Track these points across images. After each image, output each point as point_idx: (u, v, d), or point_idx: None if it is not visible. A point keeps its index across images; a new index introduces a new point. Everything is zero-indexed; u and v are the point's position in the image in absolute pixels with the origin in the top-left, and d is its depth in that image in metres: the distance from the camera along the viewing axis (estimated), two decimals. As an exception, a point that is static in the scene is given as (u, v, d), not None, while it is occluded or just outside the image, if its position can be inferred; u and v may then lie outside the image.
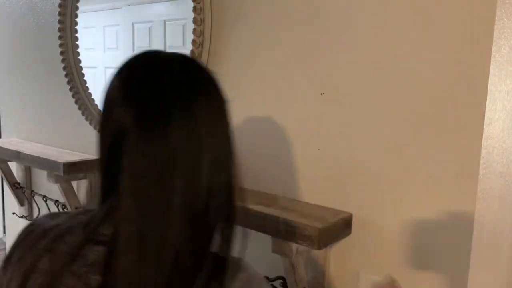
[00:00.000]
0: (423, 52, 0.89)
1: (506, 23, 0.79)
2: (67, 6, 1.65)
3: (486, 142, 0.82)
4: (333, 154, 1.04)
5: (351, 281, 1.04)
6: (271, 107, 1.14)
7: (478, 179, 0.84)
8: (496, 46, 0.80)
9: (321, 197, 1.06)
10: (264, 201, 1.08)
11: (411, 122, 0.92)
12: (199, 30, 1.22)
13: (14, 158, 1.74)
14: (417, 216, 0.93)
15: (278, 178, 1.15)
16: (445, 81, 0.87)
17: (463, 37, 0.85)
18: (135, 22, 1.55)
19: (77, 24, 1.66)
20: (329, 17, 1.02)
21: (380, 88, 0.96)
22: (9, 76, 2.04)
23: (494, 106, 0.81)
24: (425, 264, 0.93)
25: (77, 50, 1.67)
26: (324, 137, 1.05)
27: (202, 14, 1.21)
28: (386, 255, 0.98)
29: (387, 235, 0.97)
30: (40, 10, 1.81)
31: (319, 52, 1.04)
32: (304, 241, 0.92)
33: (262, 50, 1.15)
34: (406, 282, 0.96)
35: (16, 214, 1.97)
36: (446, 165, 0.88)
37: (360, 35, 0.97)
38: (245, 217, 0.75)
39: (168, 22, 1.44)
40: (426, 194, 0.91)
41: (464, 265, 0.87)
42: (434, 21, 0.88)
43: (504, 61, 0.79)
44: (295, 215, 0.97)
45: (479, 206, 0.84)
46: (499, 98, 0.81)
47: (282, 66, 1.11)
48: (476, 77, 0.84)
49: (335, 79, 1.02)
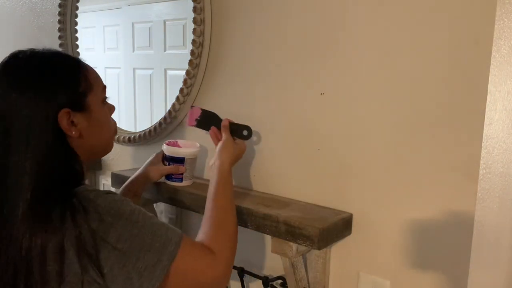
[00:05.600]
0: (423, 52, 0.89)
1: (506, 23, 0.79)
2: (67, 6, 1.65)
3: (486, 142, 0.83)
4: (333, 154, 1.04)
5: (351, 281, 1.04)
6: (271, 106, 1.14)
7: (478, 179, 0.84)
8: (496, 46, 0.80)
9: (321, 197, 1.06)
10: (264, 201, 1.08)
11: (411, 122, 0.92)
12: (199, 30, 1.22)
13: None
14: (417, 216, 0.93)
15: (278, 178, 1.15)
16: (445, 81, 0.87)
17: (463, 37, 0.85)
18: (135, 22, 1.56)
19: (77, 24, 1.66)
20: (329, 17, 1.02)
21: (380, 88, 0.96)
22: (9, 76, 2.04)
23: (494, 106, 0.81)
24: (425, 264, 0.93)
25: (77, 50, 1.67)
26: (324, 137, 1.05)
27: (202, 14, 1.21)
28: (386, 255, 0.98)
29: (387, 235, 0.97)
30: (40, 10, 1.81)
31: (319, 52, 1.04)
32: (304, 241, 0.92)
33: (262, 50, 1.15)
34: (406, 282, 0.96)
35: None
36: (446, 165, 0.88)
37: (360, 35, 0.97)
38: (245, 217, 0.84)
39: (168, 22, 1.44)
40: (426, 194, 0.91)
41: (464, 265, 0.87)
42: (434, 21, 0.88)
43: (504, 61, 0.79)
44: (295, 215, 0.97)
45: (479, 206, 0.84)
46: (499, 98, 0.81)
47: (282, 66, 1.11)
48: (476, 77, 0.84)
49: (335, 79, 1.02)
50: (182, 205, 1.16)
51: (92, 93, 0.82)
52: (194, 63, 1.24)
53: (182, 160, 1.15)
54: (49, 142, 0.74)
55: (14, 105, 0.73)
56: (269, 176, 1.17)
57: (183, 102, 1.29)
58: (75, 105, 0.78)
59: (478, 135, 0.83)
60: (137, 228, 0.72)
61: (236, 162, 1.04)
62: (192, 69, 1.25)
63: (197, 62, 1.24)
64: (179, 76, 1.29)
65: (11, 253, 0.69)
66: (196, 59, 1.24)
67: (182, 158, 1.15)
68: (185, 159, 1.16)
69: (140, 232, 0.72)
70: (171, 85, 1.44)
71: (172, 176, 1.17)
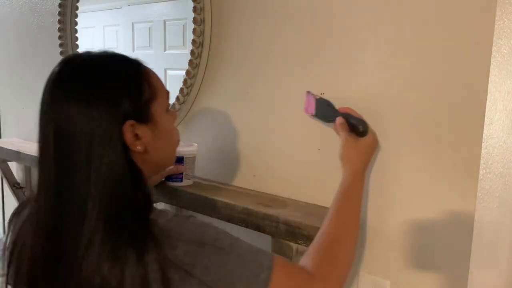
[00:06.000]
0: (422, 52, 0.89)
1: (506, 23, 0.79)
2: (67, 6, 1.65)
3: (486, 142, 0.82)
4: (333, 154, 1.04)
5: (351, 281, 1.04)
6: (271, 106, 1.14)
7: (478, 179, 0.84)
8: (496, 46, 0.80)
9: (321, 197, 1.06)
10: (264, 201, 1.08)
11: (411, 122, 0.92)
12: (199, 30, 1.22)
13: (14, 158, 1.74)
14: (417, 216, 0.93)
15: (278, 178, 1.15)
16: (445, 81, 0.87)
17: (463, 37, 0.85)
18: (135, 22, 1.56)
19: (77, 24, 1.66)
20: (330, 17, 1.02)
21: (379, 88, 0.96)
22: (9, 76, 2.04)
23: (494, 106, 0.81)
24: (425, 264, 0.93)
25: (77, 50, 1.67)
26: (324, 137, 1.05)
27: (202, 14, 1.21)
28: (386, 255, 0.98)
29: (387, 235, 0.97)
30: (40, 10, 1.81)
31: (320, 52, 1.04)
32: (304, 241, 0.92)
33: (262, 49, 1.14)
34: (406, 282, 0.96)
35: (16, 214, 1.97)
36: (446, 165, 0.88)
37: (360, 35, 0.97)
38: (245, 217, 0.82)
39: (168, 22, 1.44)
40: (426, 194, 0.91)
41: (464, 265, 0.87)
42: (434, 21, 0.88)
43: (504, 61, 0.79)
44: (295, 215, 0.97)
45: (479, 206, 0.84)
46: (499, 98, 0.81)
47: (282, 65, 1.11)
48: (476, 77, 0.84)
49: (335, 79, 1.02)
50: (182, 205, 1.16)
51: (156, 101, 0.72)
52: (194, 63, 1.24)
53: (181, 159, 1.16)
54: (115, 160, 0.64)
55: (73, 120, 0.64)
56: (269, 176, 1.17)
57: (183, 102, 1.29)
58: (139, 116, 0.68)
59: (478, 135, 0.83)
60: (224, 257, 0.64)
61: (367, 164, 0.92)
62: (192, 69, 1.25)
63: (197, 62, 1.24)
64: (179, 76, 1.29)
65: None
66: (196, 59, 1.24)
67: (181, 157, 1.16)
68: (184, 158, 1.16)
69: (228, 260, 0.64)
70: (171, 85, 1.44)
71: (172, 176, 1.17)
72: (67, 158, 0.64)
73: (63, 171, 0.64)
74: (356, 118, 0.94)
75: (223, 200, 1.07)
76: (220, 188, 1.20)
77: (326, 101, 1.00)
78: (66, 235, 0.63)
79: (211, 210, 1.08)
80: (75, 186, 0.63)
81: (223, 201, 1.07)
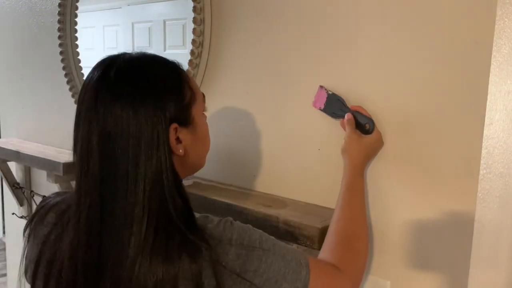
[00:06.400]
0: (423, 52, 0.89)
1: (506, 23, 0.79)
2: (67, 6, 1.64)
3: (486, 142, 0.82)
4: (333, 154, 1.03)
5: (351, 281, 1.04)
6: (271, 106, 1.14)
7: (478, 179, 0.84)
8: (496, 46, 0.80)
9: (321, 197, 1.06)
10: (264, 201, 1.08)
11: (411, 121, 0.92)
12: (199, 30, 1.21)
13: (14, 158, 1.74)
14: (417, 216, 0.93)
15: (278, 178, 1.15)
16: (445, 81, 0.87)
17: (463, 37, 0.85)
18: (135, 22, 1.55)
19: (76, 24, 1.66)
20: (329, 17, 1.02)
21: (379, 88, 0.96)
22: (9, 76, 2.04)
23: (494, 106, 0.81)
24: (425, 264, 0.93)
25: (76, 50, 1.66)
26: (324, 137, 1.05)
27: (202, 14, 1.21)
28: (386, 255, 0.97)
29: (387, 235, 0.97)
30: (40, 10, 1.81)
31: (320, 52, 1.04)
32: (304, 241, 0.92)
33: (262, 49, 1.14)
34: (406, 282, 0.96)
35: (16, 214, 1.97)
36: (446, 165, 0.88)
37: (359, 35, 0.97)
38: (245, 217, 0.82)
39: (168, 22, 1.44)
40: (426, 194, 0.91)
41: (464, 265, 0.86)
42: (434, 21, 0.88)
43: (504, 61, 0.79)
44: (295, 215, 0.97)
45: (479, 206, 0.84)
46: (499, 98, 0.81)
47: (282, 65, 1.11)
48: (476, 77, 0.84)
49: (336, 79, 1.02)
50: (182, 205, 1.16)
51: (195, 104, 0.72)
52: (194, 63, 1.24)
53: None
54: (162, 164, 0.64)
55: (120, 122, 0.62)
56: (269, 176, 1.17)
57: (183, 102, 1.29)
58: (182, 119, 0.68)
59: (478, 135, 0.83)
60: (271, 257, 0.65)
61: (367, 160, 0.94)
62: (192, 69, 1.24)
63: (197, 62, 1.24)
64: (179, 76, 1.29)
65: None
66: (196, 59, 1.24)
67: None
68: None
69: (275, 261, 0.65)
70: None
71: (172, 176, 1.17)
72: (114, 162, 0.63)
73: (108, 176, 0.63)
74: (364, 116, 0.96)
75: (223, 200, 1.07)
76: (220, 188, 1.20)
77: (338, 97, 1.00)
78: (111, 242, 0.62)
79: (211, 210, 1.08)
80: (122, 191, 0.62)
81: (223, 201, 1.07)
